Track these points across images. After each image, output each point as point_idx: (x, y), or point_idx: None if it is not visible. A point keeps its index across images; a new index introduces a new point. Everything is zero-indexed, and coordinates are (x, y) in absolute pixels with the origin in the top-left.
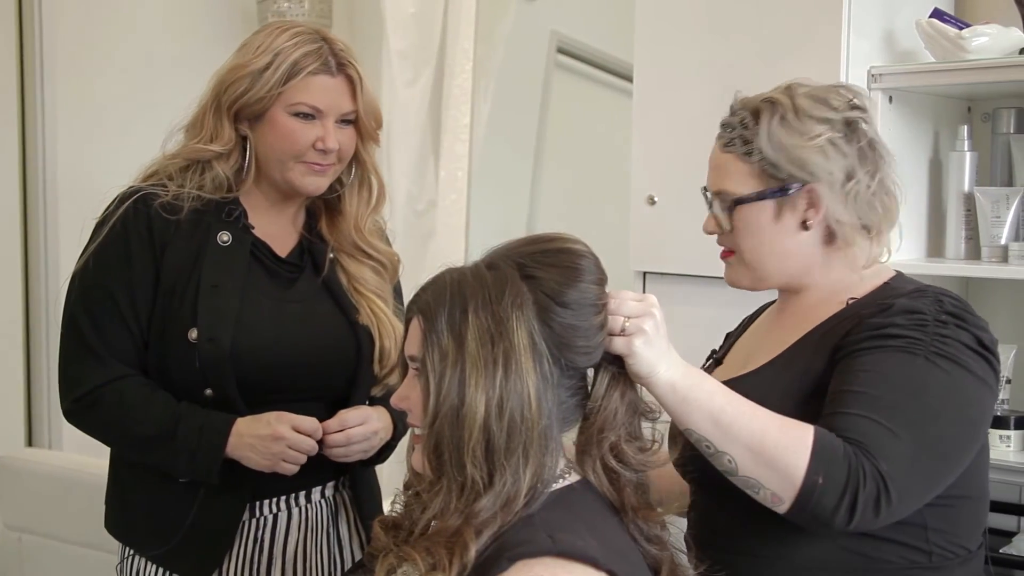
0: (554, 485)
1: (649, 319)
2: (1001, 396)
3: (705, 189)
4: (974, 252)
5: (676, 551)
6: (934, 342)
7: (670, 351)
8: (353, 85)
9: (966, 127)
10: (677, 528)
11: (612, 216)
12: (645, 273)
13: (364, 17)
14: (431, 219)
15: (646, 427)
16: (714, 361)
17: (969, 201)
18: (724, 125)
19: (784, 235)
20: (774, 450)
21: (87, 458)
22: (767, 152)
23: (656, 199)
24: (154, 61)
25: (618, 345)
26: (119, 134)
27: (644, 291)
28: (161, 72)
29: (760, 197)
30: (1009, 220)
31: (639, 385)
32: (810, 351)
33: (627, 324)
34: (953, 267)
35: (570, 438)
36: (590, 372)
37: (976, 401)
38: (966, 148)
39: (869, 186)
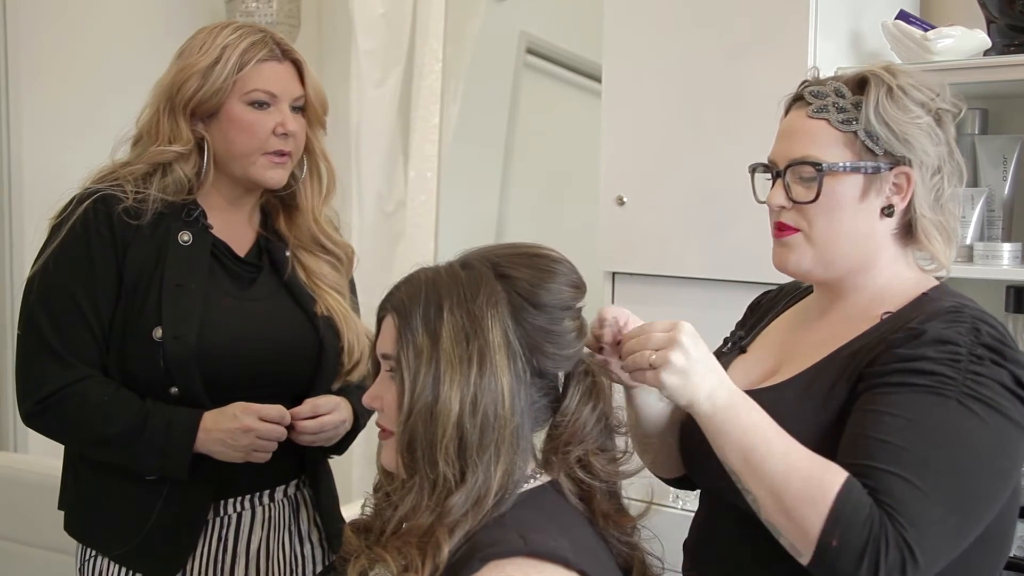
0: (525, 486)
1: (675, 349)
2: None
3: (762, 165)
4: None
5: (646, 553)
6: (967, 381)
7: (710, 377)
8: (300, 70)
9: None
10: (649, 532)
11: (581, 217)
12: (614, 274)
13: (333, 17)
14: (400, 220)
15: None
16: (739, 349)
17: None
18: (811, 93)
19: (863, 218)
20: (792, 500)
21: (53, 461)
22: (873, 123)
23: (625, 199)
24: (119, 65)
25: (648, 379)
26: (85, 137)
27: (612, 291)
28: (126, 76)
29: (855, 169)
30: (974, 220)
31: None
32: (833, 374)
33: (653, 357)
34: None
35: (540, 439)
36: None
37: (1011, 451)
38: None
39: (951, 184)
